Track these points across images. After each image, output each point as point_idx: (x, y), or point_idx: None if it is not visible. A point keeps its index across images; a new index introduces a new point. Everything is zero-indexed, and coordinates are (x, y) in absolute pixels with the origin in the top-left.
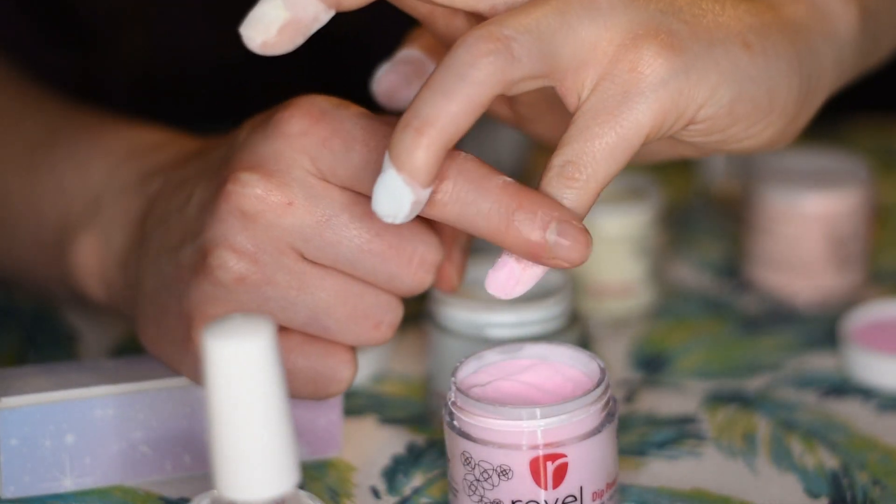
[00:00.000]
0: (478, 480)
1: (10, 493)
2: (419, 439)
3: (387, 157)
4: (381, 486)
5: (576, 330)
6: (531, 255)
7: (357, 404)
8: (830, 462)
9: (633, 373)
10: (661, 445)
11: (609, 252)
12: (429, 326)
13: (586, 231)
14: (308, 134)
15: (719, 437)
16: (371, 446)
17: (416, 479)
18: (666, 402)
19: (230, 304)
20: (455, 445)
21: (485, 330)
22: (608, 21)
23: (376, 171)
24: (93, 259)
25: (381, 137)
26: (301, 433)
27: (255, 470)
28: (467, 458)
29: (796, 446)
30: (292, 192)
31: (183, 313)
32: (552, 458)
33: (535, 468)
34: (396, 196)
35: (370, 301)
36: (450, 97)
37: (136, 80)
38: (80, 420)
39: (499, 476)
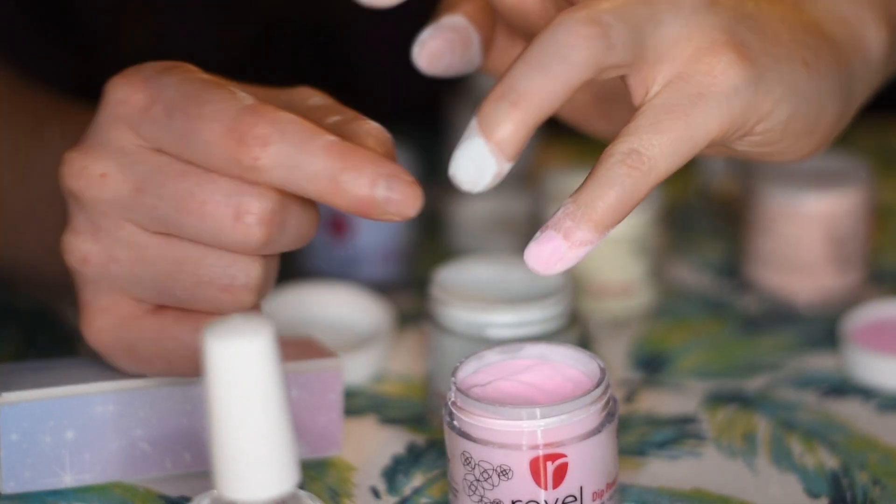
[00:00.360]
0: (478, 480)
1: (10, 488)
2: (419, 439)
3: (474, 124)
4: (381, 486)
5: (576, 330)
6: (362, 211)
7: (357, 404)
8: (830, 462)
9: (633, 373)
10: (661, 445)
11: (609, 252)
12: (429, 326)
13: (416, 184)
14: (128, 102)
15: (719, 437)
16: (371, 446)
17: (416, 479)
18: (666, 402)
19: (91, 287)
20: (455, 445)
21: (485, 330)
22: (690, 21)
23: (196, 137)
24: None
25: (203, 103)
26: (301, 432)
27: (255, 470)
28: (467, 458)
29: (796, 446)
30: (106, 163)
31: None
32: (552, 458)
33: (535, 468)
34: (480, 164)
35: (211, 263)
36: (547, 75)
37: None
38: (80, 416)
39: (499, 476)
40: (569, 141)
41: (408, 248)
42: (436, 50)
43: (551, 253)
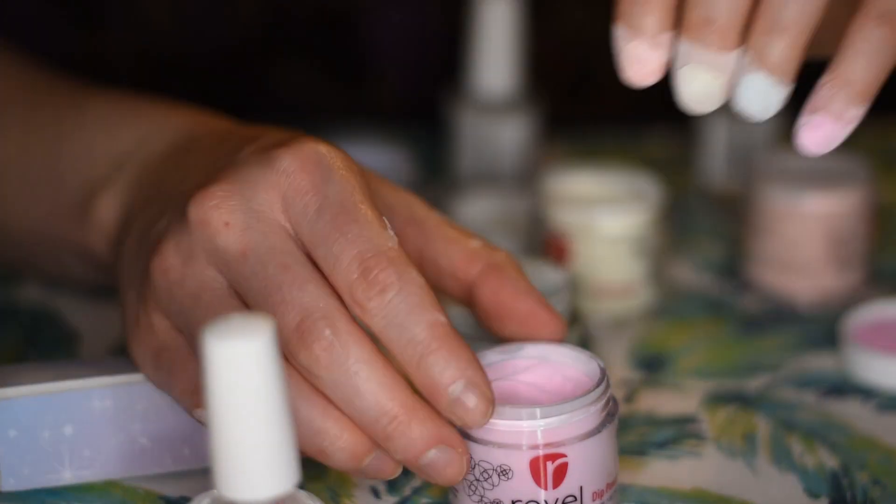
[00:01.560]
0: (478, 480)
1: (9, 485)
2: None
3: (750, 59)
4: (381, 486)
5: (576, 330)
6: (431, 398)
7: None
8: (830, 462)
9: (633, 373)
10: (661, 445)
11: (609, 252)
12: None
13: (490, 400)
14: (292, 178)
15: (719, 437)
16: None
17: (416, 480)
18: (666, 402)
19: (150, 301)
20: None
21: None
22: None
23: (329, 246)
24: (108, 214)
25: (353, 221)
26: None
27: (255, 470)
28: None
29: (796, 446)
30: (237, 217)
31: (136, 296)
32: (552, 457)
33: (535, 468)
34: (766, 95)
35: None
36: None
37: (142, 57)
38: (78, 411)
39: (499, 476)
40: (569, 141)
41: None
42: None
43: (826, 136)
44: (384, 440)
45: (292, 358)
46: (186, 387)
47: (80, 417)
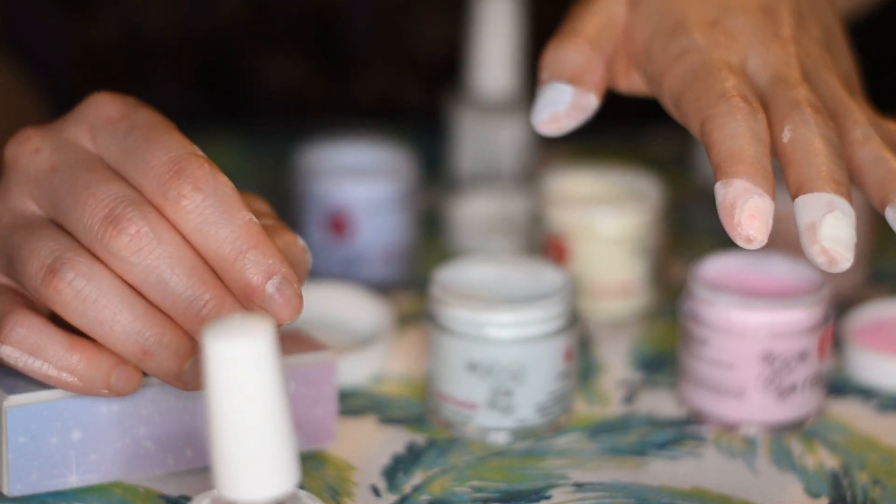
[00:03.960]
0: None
1: (17, 490)
2: (419, 439)
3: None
4: (382, 485)
5: (576, 330)
6: (243, 295)
7: (357, 404)
8: (831, 462)
9: (634, 373)
10: (662, 446)
11: (609, 252)
12: (429, 326)
13: (301, 297)
14: (100, 109)
15: (719, 437)
16: (371, 446)
17: (417, 478)
18: (666, 403)
19: None
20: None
21: (485, 330)
22: None
23: (140, 156)
24: None
25: (163, 134)
26: (297, 425)
27: (255, 470)
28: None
29: (796, 446)
30: (46, 143)
31: None
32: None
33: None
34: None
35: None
36: None
37: (131, 47)
38: (86, 416)
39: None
40: (569, 141)
41: (408, 248)
42: (565, 127)
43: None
44: (198, 325)
45: (103, 249)
46: None
47: (87, 423)
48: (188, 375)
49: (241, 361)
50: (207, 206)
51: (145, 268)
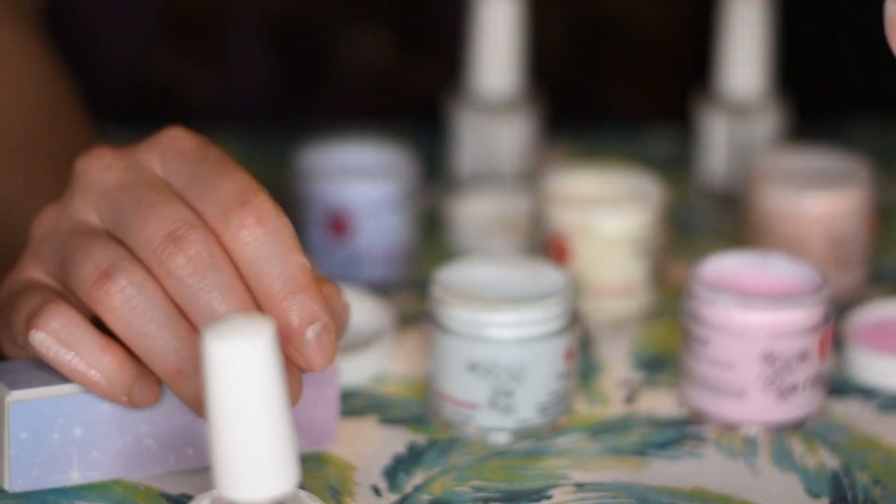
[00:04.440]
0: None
1: (18, 486)
2: (420, 439)
3: None
4: (382, 485)
5: (576, 330)
6: (283, 335)
7: (357, 404)
8: (831, 462)
9: (634, 373)
10: (662, 446)
11: (609, 252)
12: (429, 326)
13: (335, 348)
14: (174, 140)
15: (720, 437)
16: (372, 446)
17: (418, 477)
18: (667, 403)
19: (29, 251)
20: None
21: (485, 330)
22: None
23: (208, 189)
24: None
25: (233, 167)
26: (299, 426)
27: (256, 470)
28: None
29: (797, 447)
30: (118, 163)
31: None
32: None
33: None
34: None
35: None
36: None
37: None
38: (88, 413)
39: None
40: (569, 141)
41: (408, 249)
42: None
43: None
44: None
45: (160, 266)
46: (27, 313)
47: (89, 420)
48: None
49: (242, 361)
50: (266, 241)
51: (197, 291)
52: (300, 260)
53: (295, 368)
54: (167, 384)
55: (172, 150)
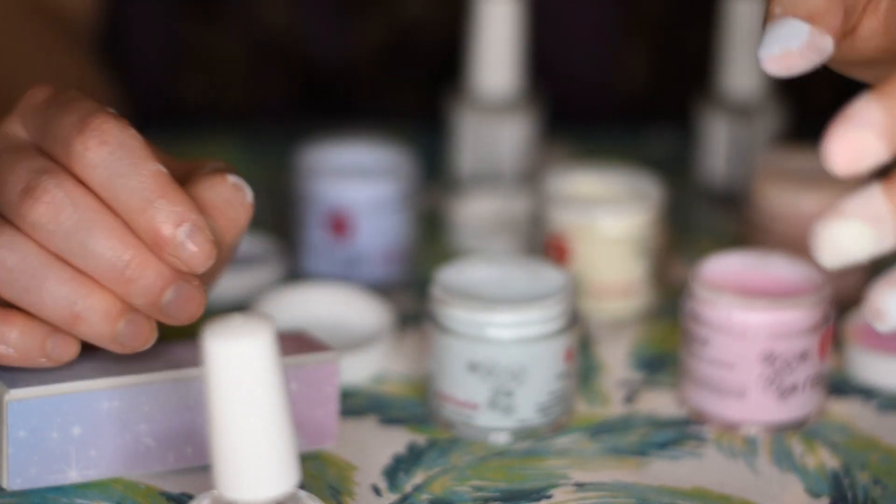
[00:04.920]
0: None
1: (16, 485)
2: (420, 439)
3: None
4: (382, 485)
5: (576, 330)
6: (155, 245)
7: (357, 404)
8: (831, 462)
9: (634, 373)
10: (663, 446)
11: (609, 252)
12: (429, 326)
13: (214, 244)
14: (31, 97)
15: (720, 437)
16: (372, 446)
17: (418, 477)
18: (667, 403)
19: None
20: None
21: (485, 330)
22: None
23: (54, 124)
24: None
25: (80, 100)
26: (298, 425)
27: (256, 470)
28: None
29: (797, 446)
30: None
31: None
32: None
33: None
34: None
35: None
36: None
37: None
38: (86, 412)
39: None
40: (569, 141)
41: (408, 249)
42: (795, 67)
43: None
44: (124, 285)
45: (23, 221)
46: None
47: (88, 418)
48: (123, 337)
49: (241, 361)
50: (115, 158)
51: (65, 233)
52: (152, 167)
53: (191, 277)
54: (71, 332)
55: (29, 108)
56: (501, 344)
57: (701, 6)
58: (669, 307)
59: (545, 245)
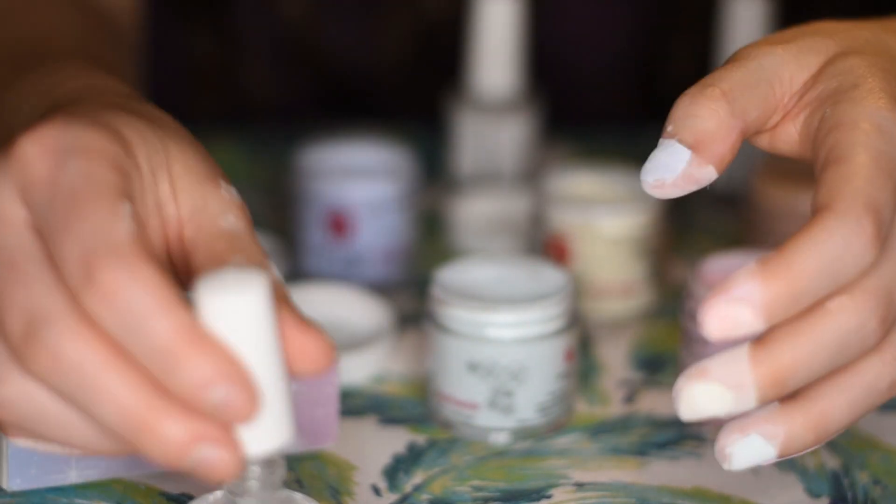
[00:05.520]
0: None
1: (16, 485)
2: (420, 439)
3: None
4: (382, 484)
5: (576, 330)
6: (191, 402)
7: (357, 404)
8: (831, 462)
9: (633, 373)
10: (662, 446)
11: (609, 252)
12: (429, 326)
13: (255, 400)
14: (25, 167)
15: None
16: (372, 446)
17: (417, 477)
18: (666, 403)
19: None
20: None
21: (485, 330)
22: None
23: (57, 243)
24: None
25: (84, 195)
26: (299, 426)
27: (250, 424)
28: None
29: None
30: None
31: None
32: None
33: None
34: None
35: None
36: None
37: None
38: None
39: None
40: (569, 141)
41: (408, 249)
42: (670, 195)
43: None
44: (136, 445)
45: (25, 365)
46: None
47: None
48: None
49: (235, 315)
50: (125, 314)
51: (70, 391)
52: (175, 320)
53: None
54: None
55: (26, 182)
56: (501, 344)
57: (701, 6)
58: (669, 307)
59: (545, 245)
